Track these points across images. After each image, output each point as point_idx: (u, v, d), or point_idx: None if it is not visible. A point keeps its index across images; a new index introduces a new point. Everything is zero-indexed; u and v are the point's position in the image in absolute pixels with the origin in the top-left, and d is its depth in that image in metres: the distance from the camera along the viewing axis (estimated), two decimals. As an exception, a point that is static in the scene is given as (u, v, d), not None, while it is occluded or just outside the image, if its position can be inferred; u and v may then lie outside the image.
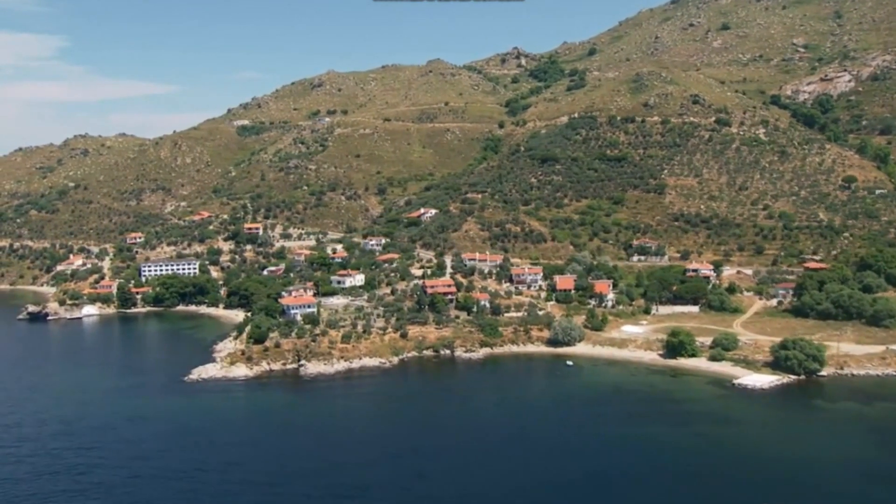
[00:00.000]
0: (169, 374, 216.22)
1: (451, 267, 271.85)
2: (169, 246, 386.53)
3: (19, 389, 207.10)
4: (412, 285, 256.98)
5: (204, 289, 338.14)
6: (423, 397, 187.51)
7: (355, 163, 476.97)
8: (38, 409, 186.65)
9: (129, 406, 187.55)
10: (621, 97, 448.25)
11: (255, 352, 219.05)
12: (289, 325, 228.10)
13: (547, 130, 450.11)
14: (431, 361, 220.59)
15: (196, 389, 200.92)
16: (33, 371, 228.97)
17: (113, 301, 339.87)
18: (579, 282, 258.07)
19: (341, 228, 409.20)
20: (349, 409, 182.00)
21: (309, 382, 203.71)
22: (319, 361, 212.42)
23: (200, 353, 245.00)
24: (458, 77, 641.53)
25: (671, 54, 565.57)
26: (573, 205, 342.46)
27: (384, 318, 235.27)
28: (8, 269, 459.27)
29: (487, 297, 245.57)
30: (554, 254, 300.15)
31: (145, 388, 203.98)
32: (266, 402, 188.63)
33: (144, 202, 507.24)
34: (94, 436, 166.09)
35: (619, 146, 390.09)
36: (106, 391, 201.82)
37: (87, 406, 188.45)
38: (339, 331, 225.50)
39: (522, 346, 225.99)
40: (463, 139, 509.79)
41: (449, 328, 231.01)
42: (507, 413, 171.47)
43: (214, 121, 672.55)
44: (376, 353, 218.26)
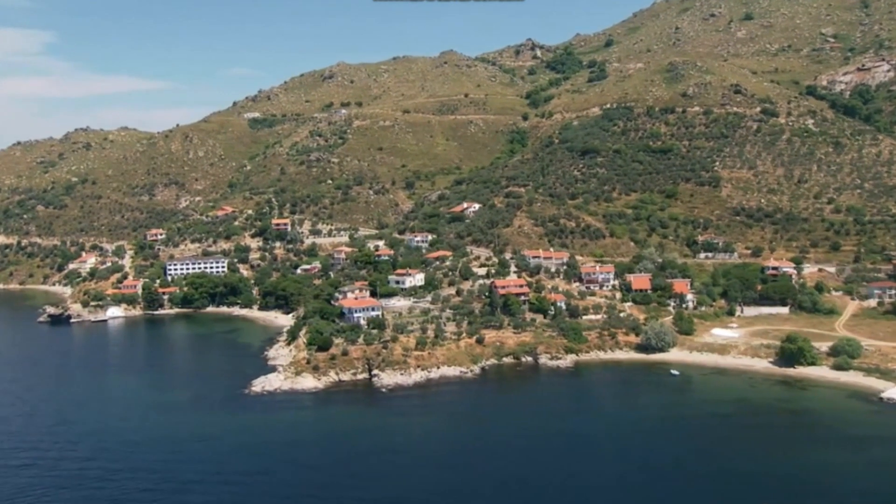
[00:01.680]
0: (226, 386, 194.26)
1: (515, 265, 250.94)
2: (193, 243, 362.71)
3: (63, 404, 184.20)
4: (477, 285, 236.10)
5: (236, 289, 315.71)
6: (520, 413, 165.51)
7: (378, 156, 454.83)
8: (92, 428, 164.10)
9: (195, 423, 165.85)
10: (656, 87, 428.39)
11: (320, 360, 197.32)
12: (354, 330, 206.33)
13: (579, 122, 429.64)
14: (514, 370, 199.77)
15: (262, 403, 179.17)
16: (71, 382, 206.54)
17: (138, 302, 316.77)
18: (655, 281, 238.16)
19: (372, 224, 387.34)
20: (439, 426, 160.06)
21: (385, 395, 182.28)
22: (395, 371, 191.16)
23: (250, 360, 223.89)
24: (474, 69, 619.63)
25: (694, 45, 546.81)
26: (622, 198, 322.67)
27: (455, 321, 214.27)
28: (17, 268, 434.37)
29: (563, 298, 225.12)
30: (614, 250, 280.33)
31: (205, 403, 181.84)
32: (345, 419, 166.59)
33: (157, 197, 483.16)
34: (166, 458, 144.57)
35: (661, 137, 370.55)
36: (162, 406, 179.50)
37: (148, 424, 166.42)
38: (408, 336, 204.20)
39: (610, 353, 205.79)
40: (487, 132, 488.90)
41: (527, 333, 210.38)
42: (625, 435, 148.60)
43: (221, 114, 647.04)
44: (454, 362, 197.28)
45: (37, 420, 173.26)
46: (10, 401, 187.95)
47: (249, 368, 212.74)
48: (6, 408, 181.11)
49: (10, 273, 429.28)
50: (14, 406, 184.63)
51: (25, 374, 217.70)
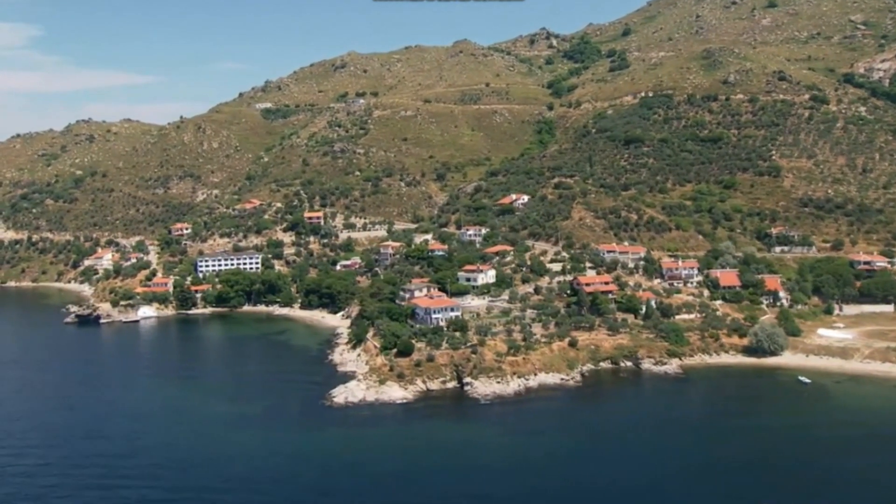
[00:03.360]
0: (302, 397, 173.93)
1: (590, 260, 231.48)
2: (222, 238, 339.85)
3: (124, 418, 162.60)
4: (556, 282, 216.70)
5: (274, 286, 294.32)
6: (659, 431, 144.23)
7: (404, 147, 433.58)
8: (161, 442, 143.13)
9: (282, 441, 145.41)
10: (693, 75, 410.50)
11: (404, 367, 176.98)
12: (437, 333, 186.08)
13: (614, 111, 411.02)
14: (616, 376, 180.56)
15: (349, 417, 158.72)
16: (124, 392, 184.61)
17: (170, 301, 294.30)
18: (744, 277, 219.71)
19: (406, 217, 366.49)
20: (569, 445, 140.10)
21: (485, 406, 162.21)
22: (489, 379, 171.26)
23: (315, 365, 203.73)
24: (491, 58, 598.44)
25: (718, 33, 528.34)
26: (677, 189, 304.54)
27: (540, 322, 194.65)
28: (29, 265, 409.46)
29: (652, 296, 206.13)
30: (683, 244, 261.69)
31: (284, 416, 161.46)
32: (454, 437, 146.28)
33: (172, 190, 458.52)
34: (265, 480, 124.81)
35: (706, 126, 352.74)
36: (237, 419, 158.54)
37: (228, 440, 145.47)
38: (494, 339, 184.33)
39: (715, 356, 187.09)
40: (513, 122, 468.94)
41: (623, 335, 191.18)
42: (804, 458, 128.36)
43: (228, 104, 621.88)
44: (552, 368, 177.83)
45: (105, 433, 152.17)
46: (66, 415, 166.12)
47: (318, 375, 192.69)
48: (66, 427, 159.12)
49: (21, 270, 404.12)
50: (72, 419, 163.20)
51: (69, 382, 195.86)
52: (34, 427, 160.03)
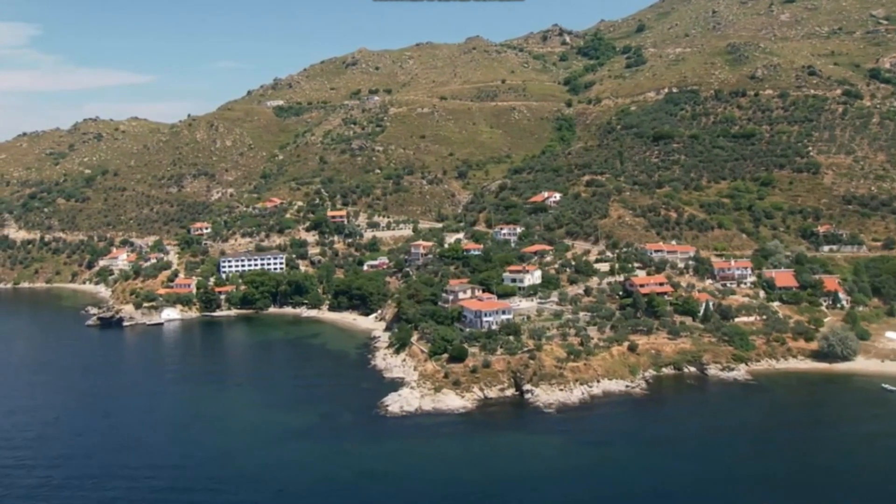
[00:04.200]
0: (354, 405, 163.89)
1: (637, 260, 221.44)
2: (244, 237, 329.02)
3: (165, 427, 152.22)
4: (605, 283, 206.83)
5: (301, 287, 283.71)
6: (730, 441, 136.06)
7: (422, 144, 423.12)
8: (218, 453, 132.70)
9: (340, 454, 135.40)
10: (718, 70, 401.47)
11: (459, 374, 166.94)
12: (491, 337, 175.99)
13: (637, 107, 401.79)
14: (682, 382, 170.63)
15: (408, 427, 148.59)
16: (160, 398, 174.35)
17: (193, 302, 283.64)
18: (801, 277, 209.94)
19: (430, 216, 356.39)
20: (638, 458, 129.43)
21: (551, 416, 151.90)
22: (551, 386, 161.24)
23: (358, 371, 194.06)
24: (504, 55, 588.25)
25: (736, 29, 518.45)
26: (713, 186, 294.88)
27: (595, 325, 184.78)
28: (42, 265, 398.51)
29: (709, 297, 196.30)
30: (727, 243, 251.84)
31: (340, 427, 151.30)
32: (521, 449, 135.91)
33: (186, 189, 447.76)
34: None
35: (736, 122, 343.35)
36: (291, 430, 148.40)
37: (286, 453, 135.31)
38: (551, 343, 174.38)
39: (783, 361, 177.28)
40: (531, 119, 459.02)
41: (684, 338, 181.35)
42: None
43: (237, 102, 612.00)
44: (615, 374, 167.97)
45: (154, 443, 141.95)
46: (106, 424, 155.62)
47: (364, 381, 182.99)
48: (111, 437, 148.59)
49: (35, 271, 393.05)
50: (114, 427, 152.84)
51: (103, 388, 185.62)
52: (77, 436, 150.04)
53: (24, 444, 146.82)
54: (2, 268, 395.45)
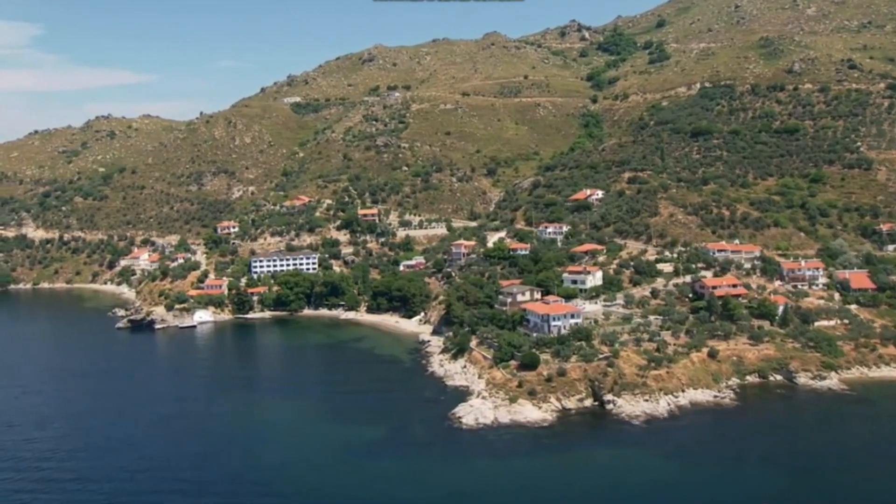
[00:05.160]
0: (422, 416, 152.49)
1: (701, 260, 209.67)
2: (273, 236, 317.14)
3: (231, 439, 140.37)
4: (671, 285, 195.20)
5: (337, 288, 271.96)
6: (849, 460, 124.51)
7: (448, 141, 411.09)
8: (294, 472, 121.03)
9: (426, 473, 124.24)
10: (753, 64, 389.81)
11: (534, 383, 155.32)
12: (562, 343, 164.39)
13: (669, 102, 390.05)
14: (771, 392, 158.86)
15: (487, 442, 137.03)
16: (214, 407, 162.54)
17: (225, 304, 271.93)
18: (876, 279, 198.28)
19: (463, 214, 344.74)
20: (752, 478, 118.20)
21: (637, 429, 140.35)
22: (636, 396, 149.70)
23: (415, 378, 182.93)
24: (524, 51, 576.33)
25: (761, 23, 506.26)
26: (760, 183, 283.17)
27: (669, 330, 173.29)
28: (62, 265, 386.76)
29: (785, 300, 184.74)
30: (786, 241, 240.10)
31: (413, 441, 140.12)
32: (622, 467, 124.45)
33: (207, 187, 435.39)
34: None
35: (776, 117, 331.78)
36: (359, 445, 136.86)
37: (364, 473, 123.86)
38: (626, 349, 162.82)
39: (875, 369, 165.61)
40: (557, 115, 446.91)
41: (767, 344, 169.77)
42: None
43: (252, 99, 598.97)
44: (699, 383, 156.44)
45: (221, 457, 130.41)
46: (169, 436, 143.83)
47: (425, 389, 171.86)
48: (177, 451, 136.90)
49: (55, 271, 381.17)
50: (178, 439, 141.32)
51: (148, 396, 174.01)
52: (133, 447, 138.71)
53: (81, 454, 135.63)
54: (21, 267, 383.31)
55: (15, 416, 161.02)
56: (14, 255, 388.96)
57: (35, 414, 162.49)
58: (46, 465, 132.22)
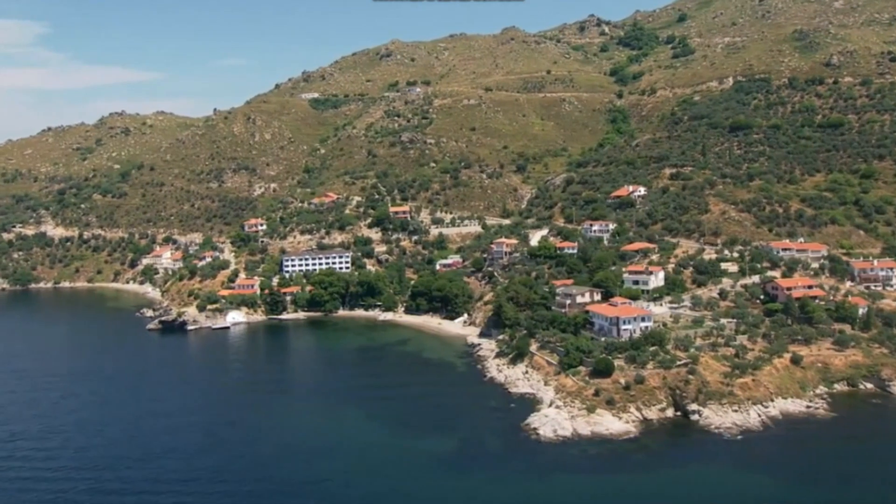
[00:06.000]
0: (491, 427, 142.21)
1: (767, 260, 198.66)
2: (303, 234, 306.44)
3: (293, 451, 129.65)
4: (739, 286, 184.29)
5: (374, 288, 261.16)
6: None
7: (473, 137, 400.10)
8: (370, 489, 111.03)
9: (508, 491, 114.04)
10: (788, 57, 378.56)
11: (611, 390, 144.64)
12: (636, 348, 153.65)
13: (700, 97, 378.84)
14: (865, 402, 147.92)
15: (570, 457, 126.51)
16: (265, 415, 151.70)
17: (258, 304, 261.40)
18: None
19: (495, 211, 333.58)
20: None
21: (731, 443, 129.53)
22: (723, 406, 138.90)
23: (473, 384, 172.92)
24: (544, 45, 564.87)
25: (787, 17, 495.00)
26: (808, 179, 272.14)
27: (746, 334, 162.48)
28: (82, 264, 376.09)
29: (865, 301, 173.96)
30: (845, 239, 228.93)
31: (490, 455, 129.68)
32: (728, 487, 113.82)
33: (227, 184, 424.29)
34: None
35: (818, 111, 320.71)
36: (437, 459, 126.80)
37: (446, 492, 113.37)
38: (705, 355, 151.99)
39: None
40: (584, 110, 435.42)
41: (853, 349, 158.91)
42: None
43: (266, 95, 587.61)
44: (788, 391, 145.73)
45: (291, 474, 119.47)
46: (212, 445, 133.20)
47: (488, 397, 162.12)
48: (222, 459, 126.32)
49: (76, 269, 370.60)
50: (241, 452, 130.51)
51: (194, 402, 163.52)
52: (190, 459, 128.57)
53: (143, 465, 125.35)
54: (41, 266, 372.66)
55: (62, 423, 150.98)
56: (34, 254, 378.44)
57: (81, 419, 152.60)
58: (106, 475, 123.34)
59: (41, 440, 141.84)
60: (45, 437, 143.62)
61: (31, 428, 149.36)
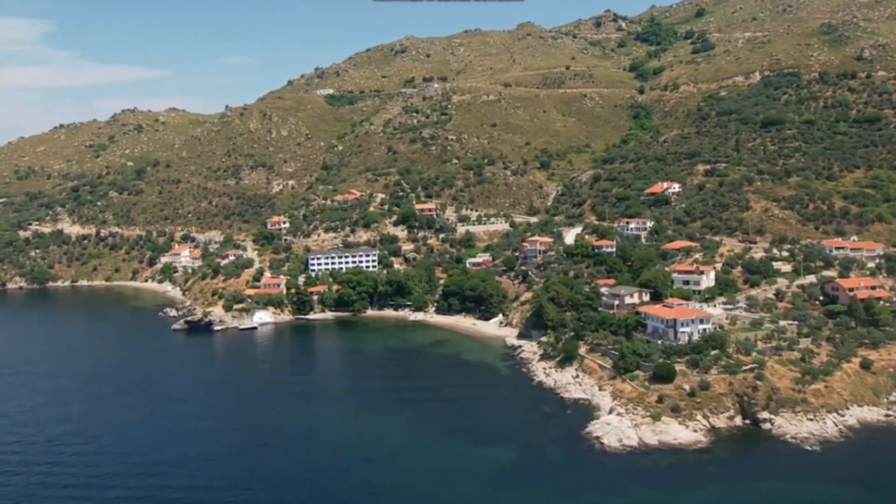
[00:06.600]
0: (549, 434, 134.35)
1: (820, 259, 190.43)
2: (327, 232, 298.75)
3: (346, 458, 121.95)
4: (795, 286, 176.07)
5: (404, 288, 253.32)
6: None
7: (495, 133, 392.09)
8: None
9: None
10: (817, 51, 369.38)
11: (675, 397, 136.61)
12: (698, 352, 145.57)
13: (727, 92, 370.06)
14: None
15: (644, 469, 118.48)
16: (312, 423, 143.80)
17: (285, 304, 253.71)
18: None
19: (521, 209, 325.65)
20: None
21: (812, 455, 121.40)
22: (797, 415, 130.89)
23: (520, 388, 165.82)
24: (561, 41, 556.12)
25: (809, 11, 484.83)
26: (847, 176, 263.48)
27: (809, 337, 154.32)
28: (100, 262, 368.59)
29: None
30: (894, 237, 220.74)
31: (551, 465, 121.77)
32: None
33: (245, 181, 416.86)
34: None
35: (851, 106, 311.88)
36: (498, 472, 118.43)
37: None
38: (769, 359, 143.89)
39: None
40: (605, 106, 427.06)
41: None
42: None
43: (278, 92, 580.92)
44: (862, 398, 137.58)
45: (343, 489, 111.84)
46: (264, 456, 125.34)
47: (538, 402, 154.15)
48: (278, 474, 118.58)
49: (93, 268, 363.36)
50: (295, 458, 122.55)
51: (234, 408, 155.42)
52: (252, 473, 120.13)
53: (197, 468, 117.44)
54: (58, 264, 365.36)
55: (100, 426, 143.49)
56: (51, 252, 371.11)
57: (120, 424, 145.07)
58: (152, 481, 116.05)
59: (84, 444, 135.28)
60: (89, 441, 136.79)
61: (73, 431, 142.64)
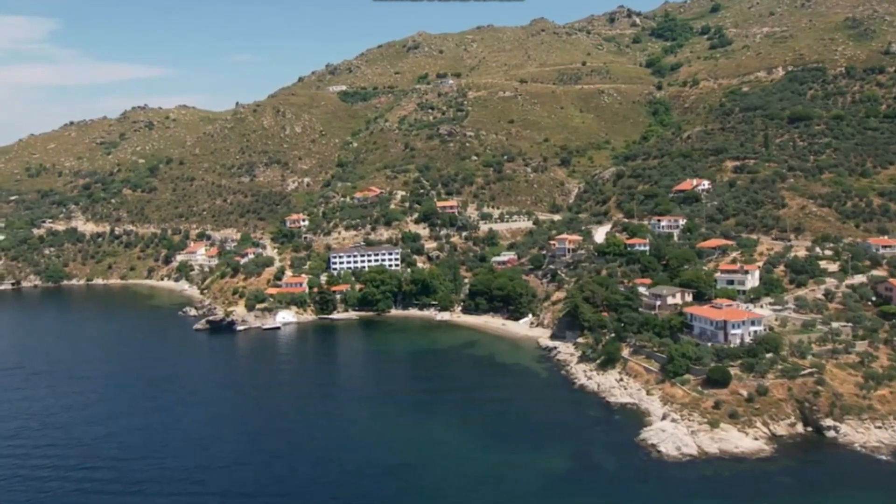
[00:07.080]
0: (600, 441, 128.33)
1: (867, 258, 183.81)
2: (348, 230, 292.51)
3: (395, 477, 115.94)
4: (844, 286, 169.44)
5: (429, 287, 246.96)
6: None
7: (513, 129, 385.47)
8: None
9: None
10: (842, 46, 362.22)
11: (732, 402, 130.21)
12: (752, 355, 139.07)
13: (750, 88, 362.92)
14: None
15: (706, 480, 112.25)
16: (348, 428, 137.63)
17: (308, 304, 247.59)
18: None
19: (543, 206, 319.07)
20: None
21: (887, 466, 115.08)
22: (863, 422, 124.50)
23: (561, 391, 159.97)
24: (575, 37, 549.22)
25: (828, 6, 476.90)
26: (881, 172, 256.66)
27: (864, 339, 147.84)
28: (115, 260, 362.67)
29: None
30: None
31: (606, 474, 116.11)
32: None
33: (259, 178, 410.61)
34: None
35: (881, 101, 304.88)
36: (550, 482, 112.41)
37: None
38: (827, 361, 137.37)
39: None
40: (624, 102, 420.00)
41: None
42: None
43: (289, 89, 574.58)
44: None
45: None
46: (301, 464, 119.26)
47: (583, 406, 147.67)
48: (318, 484, 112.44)
49: (108, 266, 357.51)
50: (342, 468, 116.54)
51: (266, 411, 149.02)
52: (286, 479, 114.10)
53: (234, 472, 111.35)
54: (73, 263, 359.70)
55: (136, 428, 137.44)
56: (66, 250, 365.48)
57: (155, 426, 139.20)
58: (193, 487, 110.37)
59: (124, 449, 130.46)
60: (131, 445, 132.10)
61: (105, 435, 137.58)
